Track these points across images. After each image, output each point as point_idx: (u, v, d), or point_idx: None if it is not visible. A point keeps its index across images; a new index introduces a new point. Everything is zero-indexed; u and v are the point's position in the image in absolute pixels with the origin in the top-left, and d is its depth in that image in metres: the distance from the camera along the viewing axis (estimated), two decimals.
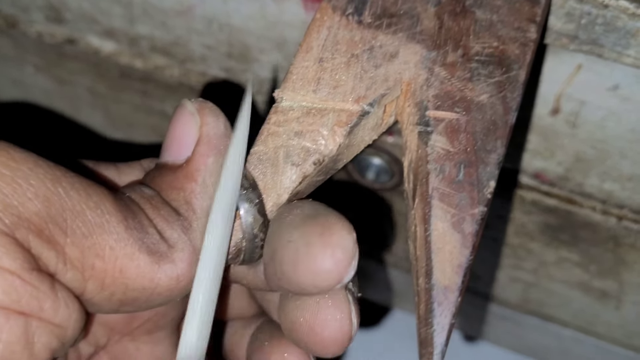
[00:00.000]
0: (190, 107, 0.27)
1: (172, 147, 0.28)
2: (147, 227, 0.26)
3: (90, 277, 0.25)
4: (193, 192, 0.27)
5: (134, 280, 0.25)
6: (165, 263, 0.26)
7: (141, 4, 0.40)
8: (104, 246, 0.25)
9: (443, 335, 0.26)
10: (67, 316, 0.24)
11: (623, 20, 0.30)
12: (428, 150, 0.28)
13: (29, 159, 0.24)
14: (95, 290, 0.25)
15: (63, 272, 0.24)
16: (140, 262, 0.25)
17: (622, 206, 0.39)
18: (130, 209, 0.26)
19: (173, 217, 0.26)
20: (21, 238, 0.23)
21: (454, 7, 0.30)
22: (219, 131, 0.27)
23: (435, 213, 0.27)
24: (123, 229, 0.25)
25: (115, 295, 0.26)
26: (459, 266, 0.26)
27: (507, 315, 0.50)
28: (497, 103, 0.28)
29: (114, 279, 0.25)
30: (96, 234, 0.25)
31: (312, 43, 0.29)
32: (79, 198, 0.24)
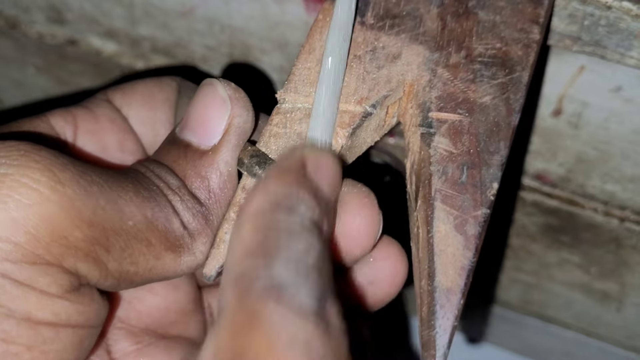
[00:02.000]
0: (222, 92, 0.28)
1: (198, 129, 0.28)
2: (172, 221, 0.27)
3: (124, 280, 0.26)
4: (218, 182, 0.28)
5: (160, 275, 0.27)
6: (187, 255, 0.27)
7: (142, 5, 0.40)
8: (138, 256, 0.26)
9: (445, 337, 0.26)
10: (102, 317, 0.27)
11: (626, 21, 0.30)
12: (431, 152, 0.28)
13: (72, 180, 0.24)
14: (125, 287, 0.27)
15: (103, 282, 0.26)
16: (165, 260, 0.27)
17: (624, 207, 0.39)
18: (158, 204, 0.26)
19: (197, 208, 0.27)
20: (68, 265, 0.24)
21: (457, 8, 0.30)
22: (248, 124, 0.28)
23: (438, 215, 0.27)
24: (150, 232, 0.26)
25: (141, 284, 0.27)
26: (462, 268, 0.26)
27: (509, 316, 0.49)
28: (500, 104, 0.28)
29: (143, 277, 0.27)
30: (132, 246, 0.26)
31: (315, 44, 0.29)
32: (115, 214, 0.25)
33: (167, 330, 0.31)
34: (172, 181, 0.27)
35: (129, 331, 0.30)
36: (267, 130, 0.28)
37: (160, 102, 0.31)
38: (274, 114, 0.28)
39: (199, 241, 0.27)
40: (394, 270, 0.29)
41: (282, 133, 0.28)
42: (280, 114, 0.28)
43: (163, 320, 0.31)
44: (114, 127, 0.31)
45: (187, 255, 0.27)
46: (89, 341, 0.27)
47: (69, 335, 0.25)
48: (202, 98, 0.28)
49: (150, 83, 0.32)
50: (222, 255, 0.27)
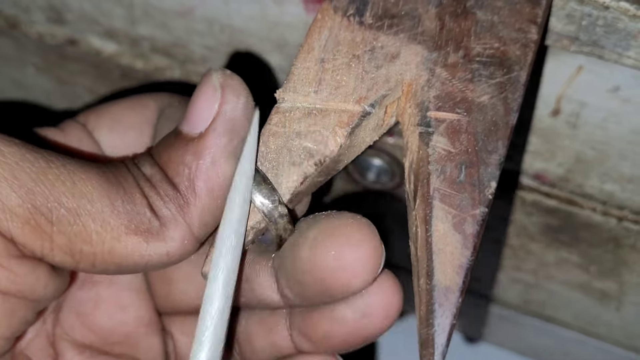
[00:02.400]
0: (214, 80, 0.27)
1: (190, 118, 0.27)
2: (138, 205, 0.26)
3: (80, 259, 0.26)
4: (198, 169, 0.27)
5: (124, 259, 0.26)
6: (155, 241, 0.26)
7: (142, 5, 0.40)
8: (90, 232, 0.26)
9: (444, 336, 0.26)
10: (43, 293, 0.26)
11: (624, 21, 0.30)
12: (429, 151, 0.28)
13: (16, 153, 0.25)
14: (87, 268, 0.26)
15: (51, 256, 0.26)
16: (127, 243, 0.26)
17: (622, 207, 0.39)
18: (123, 187, 0.26)
19: (170, 195, 0.27)
20: (2, 229, 0.24)
21: (455, 8, 0.30)
22: (237, 112, 0.27)
23: (436, 214, 0.27)
24: (109, 213, 0.26)
25: (108, 270, 0.27)
26: (460, 267, 0.26)
27: (508, 316, 0.50)
28: (498, 104, 0.28)
29: (104, 259, 0.26)
30: (81, 221, 0.25)
31: (314, 44, 0.29)
32: (63, 188, 0.25)
33: (111, 348, 0.31)
34: (148, 168, 0.27)
35: (73, 344, 0.30)
36: (267, 129, 0.28)
37: (130, 126, 0.31)
38: (273, 113, 0.28)
39: (170, 228, 0.27)
40: (388, 303, 0.28)
41: (281, 132, 0.28)
42: (279, 113, 0.28)
43: (107, 339, 0.31)
44: (81, 147, 0.31)
45: (155, 240, 0.26)
46: (24, 313, 0.26)
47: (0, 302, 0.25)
48: (199, 87, 0.28)
49: (123, 105, 0.32)
50: None
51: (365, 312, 0.28)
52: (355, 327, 0.28)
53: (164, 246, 0.27)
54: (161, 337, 0.32)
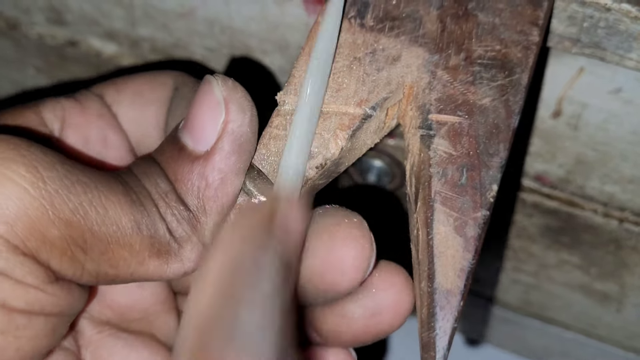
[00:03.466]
0: (217, 93, 0.27)
1: (193, 131, 0.27)
2: (159, 228, 0.26)
3: (103, 280, 0.26)
4: (208, 191, 0.27)
5: (142, 277, 0.27)
6: (174, 262, 0.27)
7: (142, 6, 0.40)
8: (118, 259, 0.26)
9: (445, 339, 0.26)
10: (77, 308, 0.27)
11: (625, 23, 0.30)
12: (430, 154, 0.28)
13: (55, 179, 0.25)
14: (105, 284, 0.27)
15: (79, 278, 0.26)
16: (149, 266, 0.26)
17: (623, 209, 0.39)
18: (145, 209, 0.26)
19: (184, 215, 0.27)
20: (42, 260, 0.25)
21: (457, 10, 0.30)
22: (244, 128, 0.27)
23: (438, 217, 0.27)
24: (135, 237, 0.26)
25: (121, 283, 0.27)
26: (462, 270, 0.26)
27: (509, 317, 0.49)
28: (499, 106, 0.28)
29: (125, 280, 0.27)
30: (112, 250, 0.26)
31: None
32: (96, 217, 0.25)
33: (129, 325, 0.31)
34: (162, 185, 0.27)
35: (91, 321, 0.31)
36: (267, 132, 0.28)
37: (150, 102, 0.31)
38: (274, 116, 0.28)
39: (187, 248, 0.27)
40: (398, 300, 0.28)
41: (282, 135, 0.28)
42: (280, 115, 0.28)
43: (125, 316, 0.31)
44: (100, 123, 0.31)
45: (174, 262, 0.27)
46: (61, 329, 0.27)
47: (41, 323, 0.26)
48: (199, 96, 0.27)
49: (142, 80, 0.31)
50: None
51: (374, 311, 0.28)
52: (364, 325, 0.28)
53: (182, 267, 0.27)
54: (176, 315, 0.32)
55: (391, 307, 0.28)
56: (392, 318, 0.28)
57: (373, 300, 0.28)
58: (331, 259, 0.26)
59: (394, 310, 0.28)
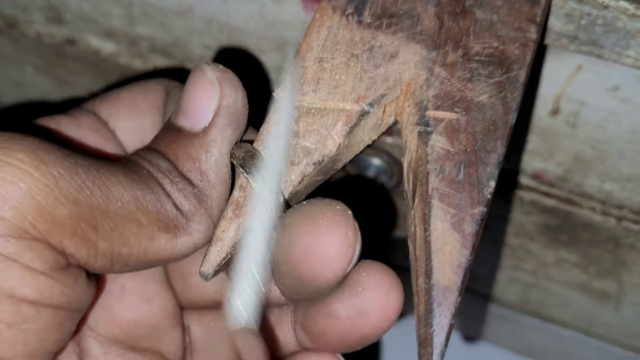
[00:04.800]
0: (210, 75, 0.28)
1: (189, 114, 0.28)
2: (165, 203, 0.27)
3: (117, 261, 0.26)
4: (208, 162, 0.28)
5: (155, 256, 0.27)
6: (183, 235, 0.27)
7: (141, 4, 0.40)
8: (129, 235, 0.26)
9: (442, 335, 0.26)
10: (86, 302, 0.27)
11: (623, 21, 0.30)
12: (428, 150, 0.28)
13: (56, 161, 0.25)
14: (120, 269, 0.27)
15: (93, 262, 0.26)
16: (160, 241, 0.27)
17: (621, 207, 0.39)
18: (148, 186, 0.27)
19: (189, 189, 0.27)
20: (54, 242, 0.25)
21: (454, 7, 0.30)
22: (238, 105, 0.28)
23: (435, 213, 0.27)
24: (142, 214, 0.26)
25: (138, 268, 0.27)
26: (459, 266, 0.26)
27: (507, 315, 0.49)
28: (497, 103, 0.28)
29: (138, 259, 0.27)
30: (122, 226, 0.26)
31: (312, 43, 0.29)
32: (101, 194, 0.26)
33: (136, 343, 0.31)
34: (163, 165, 0.28)
35: (98, 340, 0.30)
36: (265, 128, 0.28)
37: (146, 111, 0.31)
38: (271, 113, 0.28)
39: (194, 221, 0.27)
40: (385, 302, 0.27)
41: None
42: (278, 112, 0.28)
43: (132, 333, 0.31)
44: (96, 136, 0.31)
45: (183, 235, 0.27)
46: (70, 325, 0.27)
47: (50, 316, 0.25)
48: (192, 83, 0.28)
49: (134, 91, 0.32)
50: (219, 253, 0.27)
51: (360, 310, 0.28)
52: (350, 325, 0.28)
53: (192, 239, 0.27)
54: (182, 330, 0.32)
55: (378, 307, 0.28)
56: (379, 319, 0.28)
57: (359, 299, 0.28)
58: (315, 247, 0.26)
59: (381, 310, 0.28)
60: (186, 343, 0.32)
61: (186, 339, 0.32)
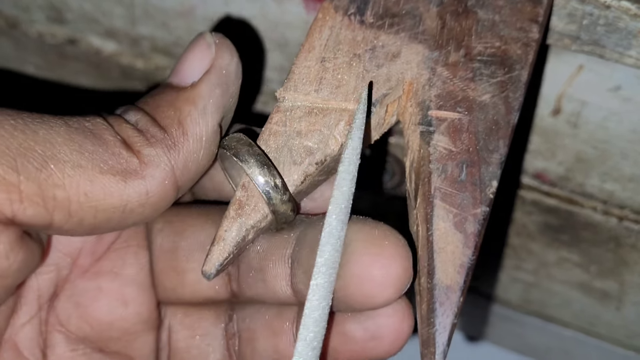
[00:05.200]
0: (208, 39, 0.28)
1: (180, 70, 0.28)
2: (112, 146, 0.26)
3: (55, 207, 0.25)
4: (190, 114, 0.27)
5: (102, 202, 0.26)
6: (134, 179, 0.26)
7: (142, 4, 0.40)
8: (62, 176, 0.25)
9: (445, 335, 0.26)
10: (6, 267, 0.25)
11: (625, 21, 0.30)
12: (430, 150, 0.28)
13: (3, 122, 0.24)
14: (63, 219, 0.25)
15: (22, 210, 0.24)
16: (104, 183, 0.26)
17: (623, 206, 0.39)
18: (91, 132, 0.26)
19: (157, 136, 0.27)
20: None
21: (456, 7, 0.30)
22: (232, 68, 0.28)
23: (438, 213, 0.27)
24: (78, 155, 0.25)
25: (85, 220, 0.26)
26: (461, 266, 0.26)
27: (509, 315, 0.50)
28: (499, 103, 0.28)
29: (80, 204, 0.25)
30: (50, 165, 0.25)
31: (314, 43, 0.29)
32: (24, 136, 0.25)
33: (106, 344, 0.30)
34: (131, 115, 0.27)
35: (67, 336, 0.30)
36: (267, 128, 0.28)
37: None
38: (273, 113, 0.28)
39: (151, 166, 0.26)
40: (399, 328, 0.27)
41: (281, 131, 0.28)
42: (280, 112, 0.28)
43: (103, 334, 0.30)
44: None
45: (134, 179, 0.26)
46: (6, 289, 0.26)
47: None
48: (190, 46, 0.28)
49: None
50: (221, 252, 0.27)
51: (375, 334, 0.28)
52: (363, 347, 0.28)
53: (144, 184, 0.26)
54: (156, 334, 0.31)
55: (392, 332, 0.28)
56: (391, 343, 0.28)
57: (375, 323, 0.28)
58: (375, 272, 0.26)
59: (395, 335, 0.28)
60: (163, 341, 0.31)
61: (164, 336, 0.31)
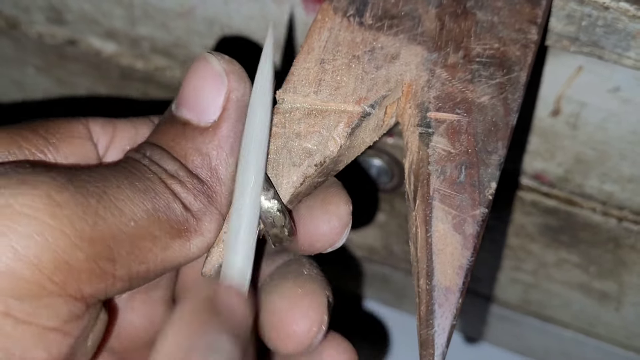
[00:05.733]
0: (217, 66, 0.27)
1: (196, 106, 0.27)
2: (174, 207, 0.26)
3: (136, 280, 0.26)
4: (220, 159, 0.27)
5: (171, 263, 0.26)
6: (195, 237, 0.27)
7: (142, 5, 0.40)
8: (145, 253, 0.25)
9: (444, 336, 0.26)
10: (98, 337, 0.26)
11: (623, 22, 0.30)
12: (429, 152, 0.28)
13: (70, 200, 0.24)
14: (138, 286, 0.26)
15: (112, 289, 0.25)
16: (174, 247, 0.26)
17: (622, 207, 0.39)
18: (156, 193, 0.26)
19: (198, 188, 0.27)
20: (72, 291, 0.24)
21: (455, 8, 0.30)
22: (246, 97, 0.27)
23: (436, 214, 0.27)
24: (154, 226, 0.26)
25: (155, 277, 0.27)
26: (460, 267, 0.26)
27: (508, 316, 0.50)
28: (498, 104, 0.28)
29: (156, 271, 0.26)
30: (138, 246, 0.25)
31: (314, 44, 0.29)
32: (114, 220, 0.25)
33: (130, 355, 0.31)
34: (169, 164, 0.27)
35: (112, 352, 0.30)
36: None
37: None
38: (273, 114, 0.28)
39: (205, 220, 0.27)
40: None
41: (280, 133, 0.28)
42: (279, 113, 0.28)
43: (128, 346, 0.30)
44: None
45: (195, 237, 0.27)
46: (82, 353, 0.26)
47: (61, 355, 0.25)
48: (197, 73, 0.27)
49: None
50: (221, 254, 0.27)
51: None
52: None
53: (204, 240, 0.27)
54: None
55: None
56: None
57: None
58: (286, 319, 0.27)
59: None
60: None
61: None
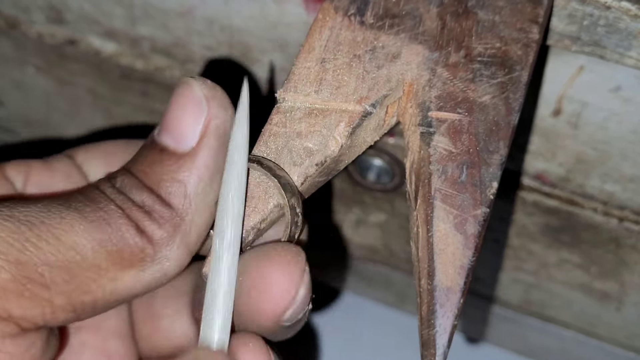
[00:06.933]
0: (198, 92, 0.26)
1: (175, 132, 0.26)
2: (127, 236, 0.25)
3: (82, 310, 0.25)
4: (196, 188, 0.26)
5: (124, 293, 0.26)
6: (151, 266, 0.26)
7: (142, 5, 0.40)
8: (89, 283, 0.25)
9: (445, 336, 0.26)
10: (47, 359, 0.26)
11: (625, 21, 0.30)
12: (430, 151, 0.28)
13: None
14: (89, 316, 0.26)
15: (54, 319, 0.25)
16: (125, 278, 0.25)
17: (623, 207, 0.39)
18: (107, 223, 0.25)
19: (165, 216, 0.26)
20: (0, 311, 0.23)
21: (457, 8, 0.30)
22: (227, 126, 0.27)
23: (438, 214, 0.27)
24: (101, 257, 0.25)
25: (108, 309, 0.26)
26: (462, 267, 0.26)
27: (509, 316, 0.49)
28: (499, 104, 0.28)
29: (106, 302, 0.25)
30: (77, 275, 0.24)
31: (314, 44, 0.29)
32: (49, 247, 0.24)
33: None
34: (137, 193, 0.26)
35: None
36: (267, 129, 0.28)
37: (121, 159, 0.30)
38: (273, 113, 0.28)
39: (165, 249, 0.26)
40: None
41: (281, 132, 0.28)
42: (280, 113, 0.28)
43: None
44: (68, 182, 0.30)
45: (152, 266, 0.26)
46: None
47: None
48: (177, 98, 0.27)
49: (116, 143, 0.31)
50: None
51: None
52: None
53: (161, 268, 0.26)
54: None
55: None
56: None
57: None
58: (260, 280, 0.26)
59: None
60: None
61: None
